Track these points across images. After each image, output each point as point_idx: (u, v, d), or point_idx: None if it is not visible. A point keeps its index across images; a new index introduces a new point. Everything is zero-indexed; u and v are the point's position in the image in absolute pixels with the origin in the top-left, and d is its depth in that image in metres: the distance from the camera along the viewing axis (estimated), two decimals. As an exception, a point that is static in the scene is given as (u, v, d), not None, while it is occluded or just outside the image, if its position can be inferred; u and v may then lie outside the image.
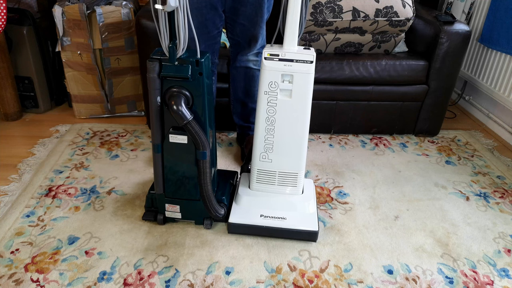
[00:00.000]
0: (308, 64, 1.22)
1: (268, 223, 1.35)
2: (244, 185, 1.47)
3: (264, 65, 1.24)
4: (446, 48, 1.90)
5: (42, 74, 2.18)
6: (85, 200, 1.54)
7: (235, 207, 1.41)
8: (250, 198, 1.42)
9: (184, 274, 1.23)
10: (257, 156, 1.38)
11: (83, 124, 2.13)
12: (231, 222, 1.36)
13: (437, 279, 1.25)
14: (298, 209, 1.40)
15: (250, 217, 1.37)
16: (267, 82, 1.25)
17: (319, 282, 1.23)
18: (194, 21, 1.54)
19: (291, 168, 1.38)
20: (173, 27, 1.12)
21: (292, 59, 1.22)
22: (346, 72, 1.93)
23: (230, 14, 1.56)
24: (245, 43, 1.63)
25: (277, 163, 1.38)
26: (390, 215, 1.53)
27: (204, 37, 1.56)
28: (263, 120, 1.31)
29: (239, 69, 1.70)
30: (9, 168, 1.73)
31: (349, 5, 1.82)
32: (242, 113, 1.83)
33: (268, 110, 1.29)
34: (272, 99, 1.27)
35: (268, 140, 1.34)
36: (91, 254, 1.29)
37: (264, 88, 1.27)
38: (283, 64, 1.22)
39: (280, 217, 1.37)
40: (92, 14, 1.97)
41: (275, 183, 1.42)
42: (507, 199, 1.65)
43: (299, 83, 1.24)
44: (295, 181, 1.40)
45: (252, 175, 1.42)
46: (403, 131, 2.13)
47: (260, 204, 1.40)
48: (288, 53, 1.22)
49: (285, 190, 1.43)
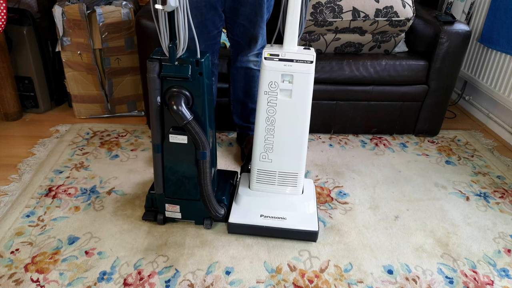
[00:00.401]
0: (308, 64, 1.22)
1: (268, 223, 1.35)
2: (244, 185, 1.47)
3: (264, 65, 1.24)
4: (446, 48, 1.90)
5: (42, 74, 2.18)
6: (85, 200, 1.54)
7: (235, 207, 1.41)
8: (250, 198, 1.42)
9: (184, 274, 1.23)
10: (257, 156, 1.38)
11: (83, 124, 2.13)
12: (231, 222, 1.36)
13: (437, 279, 1.25)
14: (298, 209, 1.40)
15: (250, 217, 1.37)
16: (267, 82, 1.25)
17: (319, 282, 1.23)
18: (194, 21, 1.53)
19: (291, 168, 1.38)
20: (173, 27, 1.13)
21: (292, 59, 1.22)
22: (346, 72, 1.93)
23: (230, 14, 1.56)
24: (245, 44, 1.62)
25: (277, 163, 1.38)
26: (390, 215, 1.53)
27: (203, 37, 1.56)
28: (263, 120, 1.31)
29: (239, 70, 1.70)
30: (9, 168, 1.73)
31: (349, 5, 1.82)
32: (242, 113, 1.83)
33: (268, 110, 1.29)
34: (272, 99, 1.27)
35: (268, 140, 1.34)
36: (91, 254, 1.29)
37: (264, 88, 1.27)
38: (283, 64, 1.23)
39: (280, 217, 1.37)
40: (92, 14, 1.97)
41: (275, 183, 1.42)
42: (507, 199, 1.65)
43: (299, 83, 1.24)
44: (295, 181, 1.41)
45: (252, 175, 1.42)
46: (403, 131, 2.13)
47: (260, 204, 1.41)
48: (288, 53, 1.23)
49: (285, 190, 1.43)
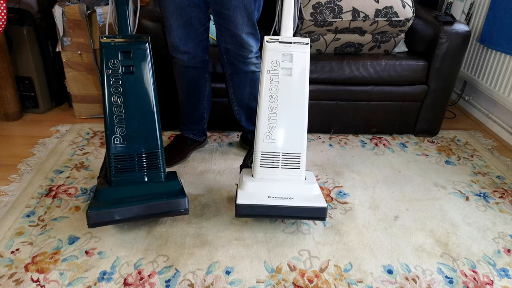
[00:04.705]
0: (305, 45, 1.37)
1: (276, 202, 1.35)
2: (247, 175, 1.46)
3: (266, 46, 1.36)
4: (445, 48, 1.90)
5: (42, 74, 2.18)
6: (85, 200, 1.54)
7: (240, 192, 1.39)
8: (255, 183, 1.41)
9: (184, 274, 1.23)
10: (261, 137, 1.40)
11: (83, 124, 2.13)
12: (239, 203, 1.34)
13: (437, 279, 1.26)
14: (304, 190, 1.40)
15: (257, 198, 1.37)
16: (270, 61, 1.37)
17: (319, 282, 1.23)
18: (180, 21, 1.53)
19: (294, 149, 1.41)
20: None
21: (291, 42, 1.37)
22: (346, 72, 1.93)
23: (217, 18, 1.52)
24: (238, 49, 1.57)
25: (280, 143, 1.40)
26: (390, 215, 1.53)
27: (191, 35, 1.56)
28: (266, 98, 1.38)
29: (243, 76, 1.66)
30: (9, 168, 1.73)
31: (349, 6, 1.83)
32: (251, 117, 1.80)
33: (271, 88, 1.38)
34: (274, 77, 1.38)
35: (272, 119, 1.39)
36: (91, 254, 1.29)
37: (267, 68, 1.37)
38: (283, 45, 1.37)
39: (288, 197, 1.37)
40: (92, 14, 1.98)
41: (279, 166, 1.42)
42: (506, 199, 1.65)
43: (298, 62, 1.37)
44: (298, 163, 1.42)
45: (255, 160, 1.43)
46: (403, 131, 2.13)
47: (266, 187, 1.41)
48: (287, 38, 1.39)
49: (289, 173, 1.43)
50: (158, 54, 1.75)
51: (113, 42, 1.31)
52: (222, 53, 1.63)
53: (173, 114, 1.96)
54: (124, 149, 1.35)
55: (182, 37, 1.56)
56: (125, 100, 1.33)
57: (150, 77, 1.35)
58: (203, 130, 1.88)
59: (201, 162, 1.82)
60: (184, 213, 1.36)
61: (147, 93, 1.35)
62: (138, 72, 1.33)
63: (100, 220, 1.27)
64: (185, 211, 1.35)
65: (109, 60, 1.30)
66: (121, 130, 1.34)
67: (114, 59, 1.30)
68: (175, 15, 1.51)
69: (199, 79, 1.72)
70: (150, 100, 1.36)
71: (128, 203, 1.30)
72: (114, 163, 1.35)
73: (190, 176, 1.72)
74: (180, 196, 1.35)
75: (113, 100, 1.32)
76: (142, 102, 1.35)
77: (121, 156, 1.35)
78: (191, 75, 1.69)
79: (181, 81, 1.73)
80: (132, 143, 1.36)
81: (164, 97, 1.89)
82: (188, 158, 1.84)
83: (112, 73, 1.31)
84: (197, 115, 1.80)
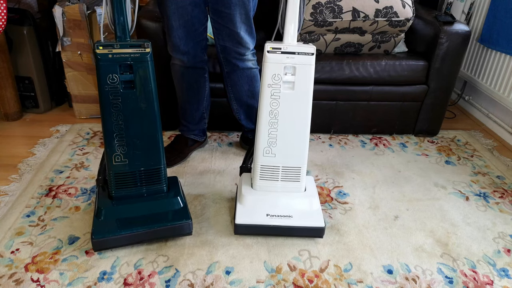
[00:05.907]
0: (310, 56, 1.25)
1: (275, 222, 1.35)
2: (246, 184, 1.46)
3: (267, 57, 1.25)
4: (445, 48, 1.90)
5: (42, 74, 2.18)
6: (85, 200, 1.54)
7: (240, 207, 1.40)
8: (254, 198, 1.41)
9: (184, 274, 1.23)
10: (261, 151, 1.38)
11: (83, 124, 2.13)
12: (238, 223, 1.35)
13: (437, 279, 1.26)
14: (303, 206, 1.40)
15: (256, 217, 1.37)
16: (271, 75, 1.26)
17: (319, 282, 1.23)
18: (180, 20, 1.53)
19: (294, 163, 1.39)
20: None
21: (294, 52, 1.24)
22: (346, 72, 1.93)
23: (215, 17, 1.53)
24: (235, 47, 1.58)
25: (280, 158, 1.38)
26: (390, 215, 1.53)
27: (191, 35, 1.56)
28: (267, 113, 1.31)
29: (241, 73, 1.67)
30: (9, 168, 1.73)
31: (349, 6, 1.83)
32: (250, 116, 1.81)
33: (271, 103, 1.30)
34: (275, 91, 1.28)
35: (272, 134, 1.35)
36: (91, 254, 1.29)
37: (267, 81, 1.27)
38: (285, 57, 1.25)
39: (287, 215, 1.37)
40: (92, 14, 1.98)
41: (278, 179, 1.42)
42: (506, 199, 1.65)
43: (302, 75, 1.26)
44: (298, 176, 1.41)
45: (255, 172, 1.42)
46: (403, 131, 2.13)
47: (265, 204, 1.40)
48: (290, 46, 1.25)
49: (289, 185, 1.42)
50: (158, 54, 1.74)
51: (111, 54, 1.16)
52: (219, 51, 1.64)
53: (173, 114, 1.96)
54: (125, 167, 1.29)
55: (182, 37, 1.56)
56: (126, 117, 1.23)
57: (152, 91, 1.23)
58: (203, 130, 1.88)
59: (201, 162, 1.82)
60: (187, 235, 1.37)
61: (149, 109, 1.25)
62: (139, 87, 1.22)
63: (104, 247, 1.28)
64: (189, 233, 1.36)
65: (107, 75, 1.17)
66: (122, 148, 1.26)
67: (112, 73, 1.18)
68: (176, 14, 1.51)
69: (198, 79, 1.72)
70: (153, 116, 1.26)
71: (133, 228, 1.28)
72: (115, 180, 1.30)
73: (190, 176, 1.72)
74: (184, 220, 1.33)
75: (113, 118, 1.22)
76: (144, 118, 1.25)
77: (123, 173, 1.30)
78: (191, 76, 1.70)
79: (180, 82, 1.73)
80: (134, 160, 1.29)
81: (164, 97, 1.89)
82: (188, 158, 1.84)
83: (111, 89, 1.19)
84: (198, 115, 1.81)
